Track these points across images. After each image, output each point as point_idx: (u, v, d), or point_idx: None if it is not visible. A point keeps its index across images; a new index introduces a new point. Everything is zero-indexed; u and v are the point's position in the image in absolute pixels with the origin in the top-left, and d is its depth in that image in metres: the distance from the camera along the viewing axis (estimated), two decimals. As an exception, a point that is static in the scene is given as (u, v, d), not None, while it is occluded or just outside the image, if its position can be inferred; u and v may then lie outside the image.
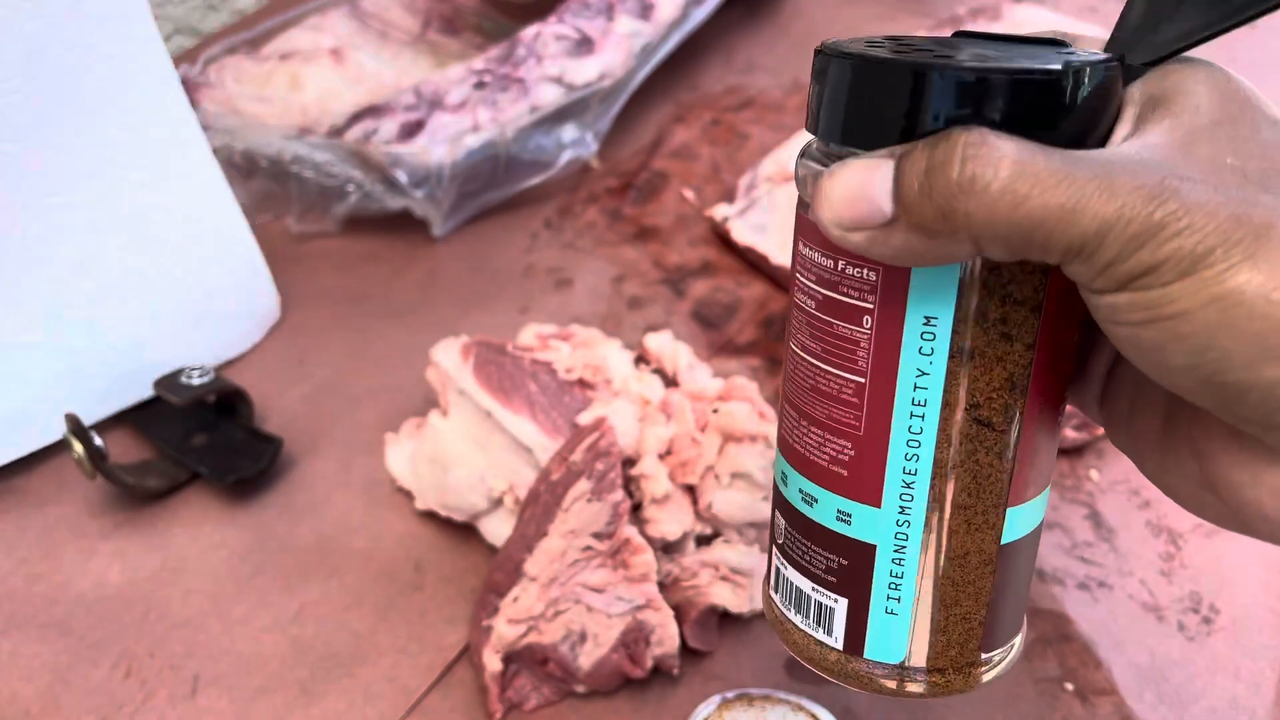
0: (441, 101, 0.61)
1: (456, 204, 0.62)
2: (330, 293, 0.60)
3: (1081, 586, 0.44)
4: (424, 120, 0.60)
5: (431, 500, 0.46)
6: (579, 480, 0.39)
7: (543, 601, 0.39)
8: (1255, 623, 0.43)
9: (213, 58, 0.70)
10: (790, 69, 0.77)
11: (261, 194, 0.63)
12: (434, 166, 0.58)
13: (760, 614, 0.42)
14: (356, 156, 0.59)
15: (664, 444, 0.43)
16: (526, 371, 0.44)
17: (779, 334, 0.57)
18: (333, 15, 0.75)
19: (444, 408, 0.47)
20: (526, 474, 0.43)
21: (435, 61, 0.74)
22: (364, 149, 0.58)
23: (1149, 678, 0.41)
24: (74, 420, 0.45)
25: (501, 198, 0.63)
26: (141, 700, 0.40)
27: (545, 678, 0.40)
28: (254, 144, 0.60)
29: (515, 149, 0.62)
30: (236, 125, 0.62)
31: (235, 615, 0.43)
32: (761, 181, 0.63)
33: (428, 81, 0.62)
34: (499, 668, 0.39)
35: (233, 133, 0.61)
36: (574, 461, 0.39)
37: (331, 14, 0.75)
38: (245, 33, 0.73)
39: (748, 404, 0.45)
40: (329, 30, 0.73)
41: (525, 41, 0.64)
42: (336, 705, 0.40)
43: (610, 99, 0.65)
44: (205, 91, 0.67)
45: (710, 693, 0.39)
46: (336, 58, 0.69)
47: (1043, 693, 0.40)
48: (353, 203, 0.60)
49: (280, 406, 0.53)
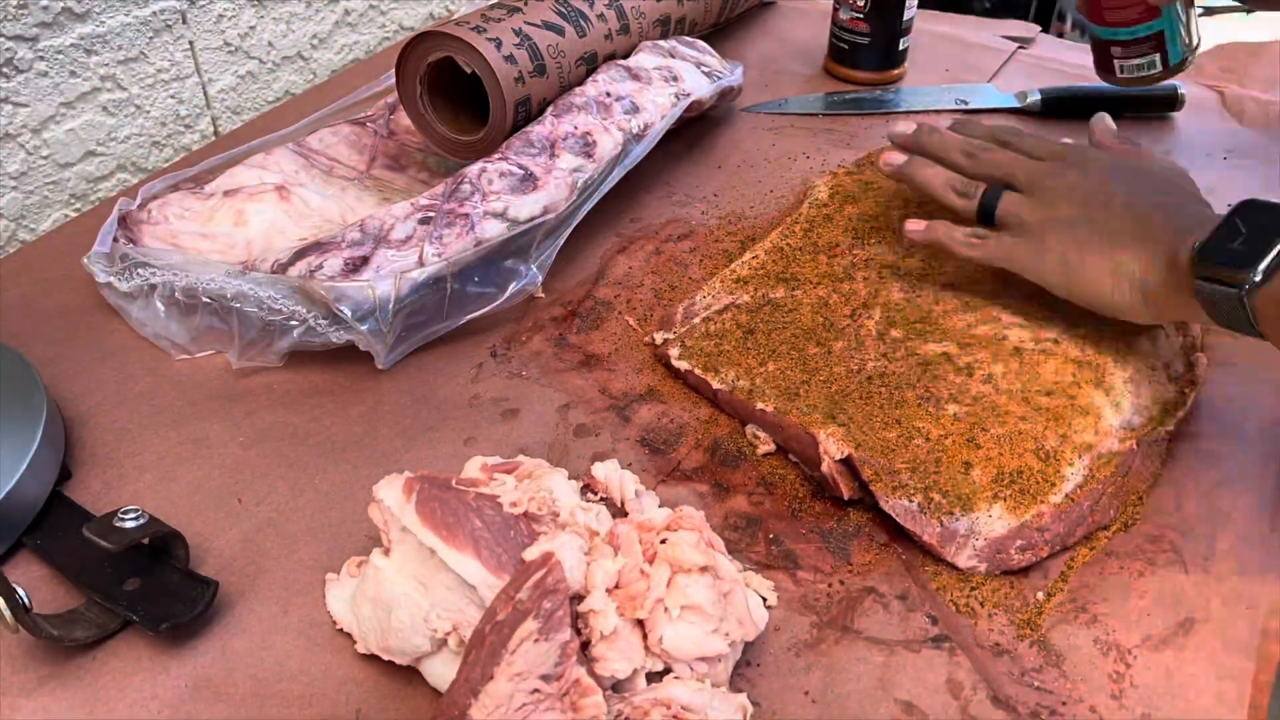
0: (387, 237, 0.62)
1: (402, 336, 0.62)
2: (271, 429, 0.59)
3: (1033, 715, 0.44)
4: (369, 256, 0.61)
5: (373, 643, 0.44)
6: (526, 620, 0.38)
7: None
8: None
9: (153, 193, 0.70)
10: (728, 201, 0.80)
11: (203, 329, 0.62)
12: (379, 301, 0.59)
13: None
14: (300, 292, 0.59)
15: (612, 578, 0.42)
16: (471, 507, 0.44)
17: (725, 458, 0.57)
18: (277, 153, 0.76)
19: (387, 546, 0.46)
20: (471, 613, 0.42)
21: (380, 197, 0.75)
22: (308, 285, 0.59)
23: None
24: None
25: (447, 329, 0.64)
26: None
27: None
28: (196, 280, 0.60)
29: (461, 282, 0.63)
30: (178, 262, 0.62)
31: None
32: (699, 309, 0.65)
33: (373, 217, 0.63)
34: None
35: (174, 269, 0.61)
36: (520, 600, 0.38)
37: (276, 151, 0.76)
38: (189, 169, 0.74)
39: (695, 534, 0.44)
40: (274, 167, 0.74)
41: (470, 177, 0.65)
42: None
43: (554, 232, 0.67)
44: (146, 228, 0.67)
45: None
46: (282, 194, 0.70)
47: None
48: (296, 337, 0.60)
49: (217, 547, 0.52)
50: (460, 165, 0.69)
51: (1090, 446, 0.53)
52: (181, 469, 0.56)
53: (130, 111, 0.82)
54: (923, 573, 0.51)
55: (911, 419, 0.54)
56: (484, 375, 0.63)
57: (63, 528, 0.52)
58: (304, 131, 0.80)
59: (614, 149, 0.71)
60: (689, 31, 0.91)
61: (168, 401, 0.61)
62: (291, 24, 0.95)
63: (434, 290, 0.62)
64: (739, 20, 1.09)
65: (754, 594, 0.47)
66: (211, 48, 0.87)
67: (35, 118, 0.75)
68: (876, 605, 0.49)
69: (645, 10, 0.83)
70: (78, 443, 0.58)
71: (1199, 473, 0.56)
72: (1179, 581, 0.49)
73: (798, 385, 0.58)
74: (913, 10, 0.94)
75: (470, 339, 0.66)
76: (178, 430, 0.59)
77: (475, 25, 0.70)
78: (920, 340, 0.59)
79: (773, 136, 0.89)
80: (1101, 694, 0.45)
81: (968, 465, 0.52)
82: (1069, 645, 0.47)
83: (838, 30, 0.96)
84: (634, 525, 0.45)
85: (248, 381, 0.62)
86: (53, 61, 0.75)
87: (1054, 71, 0.98)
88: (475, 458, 0.50)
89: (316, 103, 0.87)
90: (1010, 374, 0.56)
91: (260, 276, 0.60)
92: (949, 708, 0.44)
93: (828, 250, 0.67)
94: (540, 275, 0.65)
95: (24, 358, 0.59)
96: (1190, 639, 0.47)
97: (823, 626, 0.48)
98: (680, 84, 0.78)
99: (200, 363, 0.64)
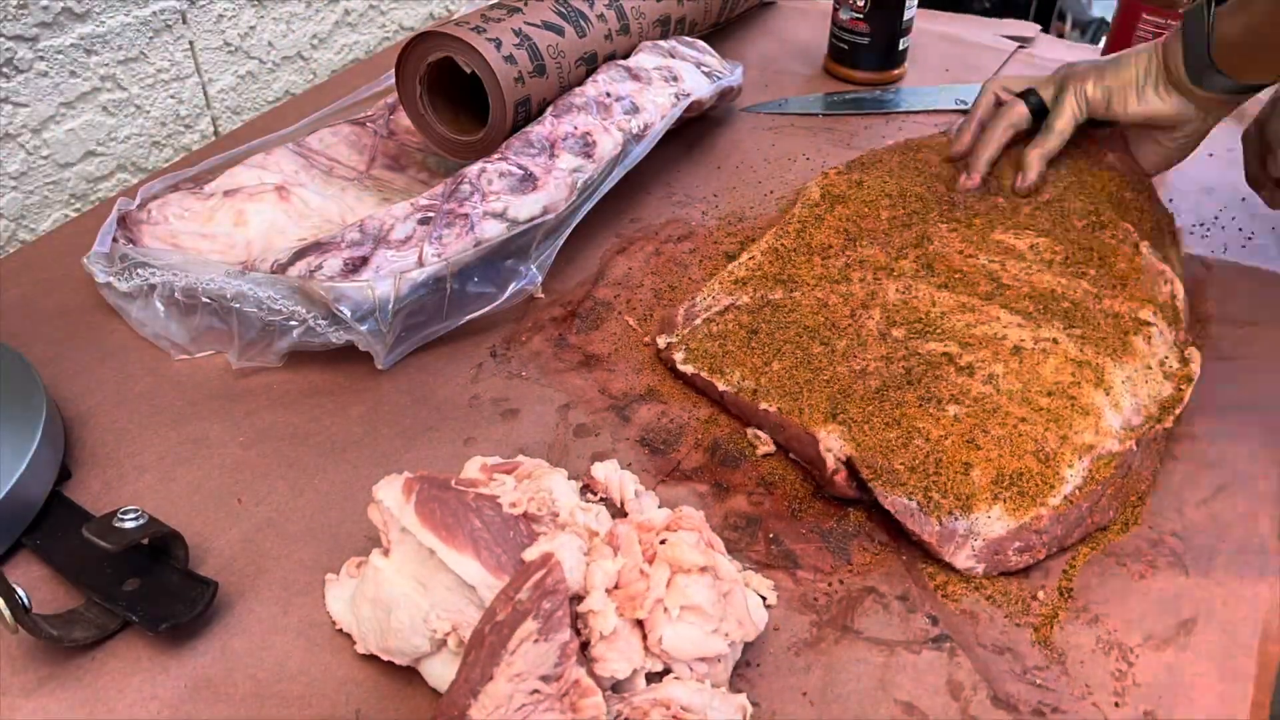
0: (386, 237, 0.62)
1: (401, 337, 0.62)
2: (271, 429, 0.59)
3: (1035, 713, 0.44)
4: (368, 256, 0.61)
5: (373, 643, 0.44)
6: (525, 620, 0.38)
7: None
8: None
9: (152, 193, 0.70)
10: (727, 202, 0.80)
11: (203, 330, 0.62)
12: (378, 301, 0.59)
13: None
14: (300, 292, 0.59)
15: (611, 578, 0.42)
16: (470, 507, 0.44)
17: (725, 458, 0.57)
18: (277, 153, 0.76)
19: (386, 546, 0.46)
20: (471, 613, 0.42)
21: (380, 197, 0.75)
22: (307, 285, 0.59)
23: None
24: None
25: (447, 329, 0.64)
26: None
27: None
28: (195, 281, 0.60)
29: (460, 282, 0.63)
30: (178, 262, 0.62)
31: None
32: (700, 310, 0.65)
33: (373, 217, 0.63)
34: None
35: (174, 269, 0.61)
36: (520, 600, 0.38)
37: (276, 151, 0.76)
38: (189, 169, 0.74)
39: (695, 534, 0.44)
40: (274, 167, 0.74)
41: (470, 178, 0.65)
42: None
43: (554, 232, 0.66)
44: (145, 228, 0.67)
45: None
46: (281, 194, 0.70)
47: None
48: (295, 337, 0.60)
49: (217, 547, 0.52)
50: (460, 165, 0.69)
51: (1090, 447, 0.53)
52: (181, 469, 0.56)
53: (130, 111, 0.82)
54: (922, 573, 0.51)
55: (912, 419, 0.54)
56: (484, 375, 0.63)
57: (62, 528, 0.52)
58: (304, 131, 0.80)
59: (614, 149, 0.71)
60: (689, 31, 0.91)
61: (168, 401, 0.61)
62: (291, 24, 0.95)
63: (434, 290, 0.62)
64: (739, 20, 1.09)
65: (754, 594, 0.47)
66: (211, 48, 0.87)
67: (35, 118, 0.75)
68: (876, 605, 0.49)
69: (645, 10, 0.83)
70: (78, 443, 0.58)
71: (1199, 475, 0.56)
72: (1180, 582, 0.49)
73: (801, 385, 0.58)
74: (913, 10, 0.94)
75: (470, 339, 0.66)
76: (178, 430, 0.59)
77: (475, 25, 0.70)
78: (922, 340, 0.59)
79: (773, 136, 0.89)
80: (1104, 692, 0.45)
81: (968, 466, 0.52)
82: (1070, 645, 0.47)
83: (838, 30, 0.96)
84: (634, 525, 0.45)
85: (248, 381, 0.62)
86: (53, 61, 0.75)
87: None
88: (475, 458, 0.50)
89: (316, 103, 0.87)
90: (1011, 374, 0.56)
91: (260, 276, 0.60)
92: (949, 708, 0.44)
93: (821, 251, 0.67)
94: (540, 275, 0.65)
95: (24, 358, 0.59)
96: (1192, 639, 0.47)
97: (822, 626, 0.48)
98: (680, 84, 0.78)
99: (200, 363, 0.64)
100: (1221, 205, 0.78)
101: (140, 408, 0.60)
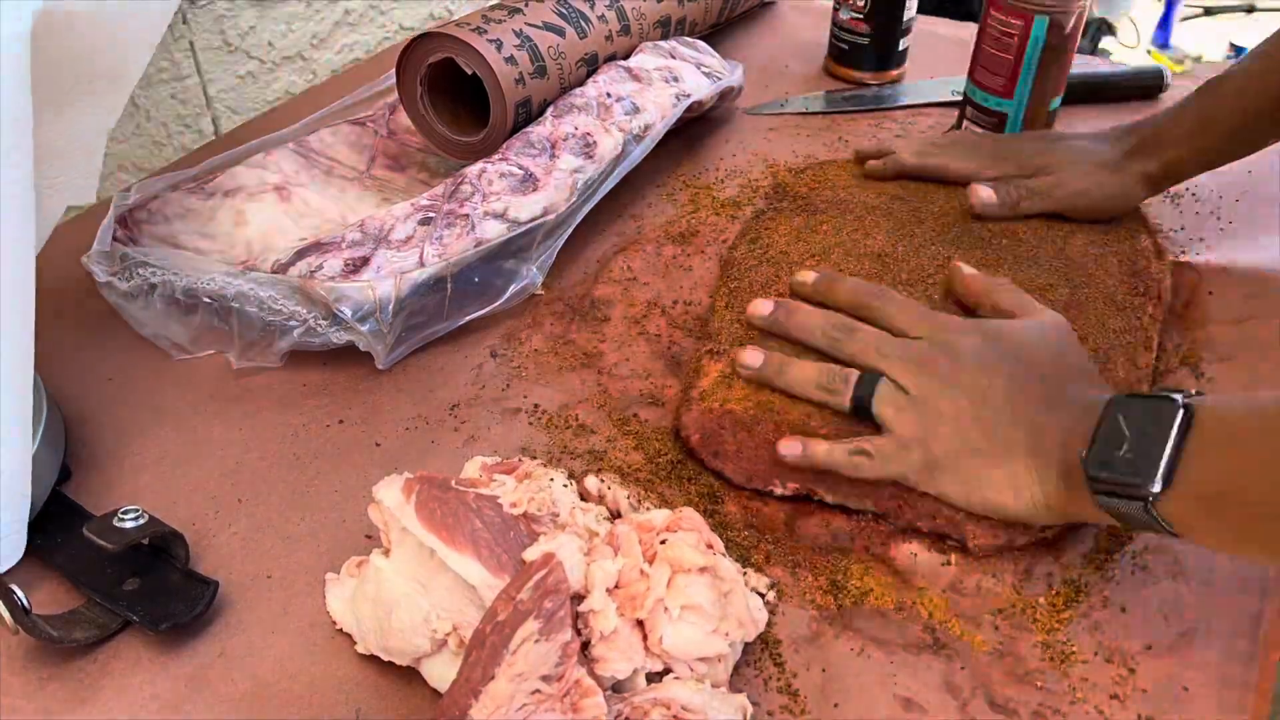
0: (387, 237, 0.62)
1: (402, 337, 0.62)
2: (271, 429, 0.59)
3: (1035, 715, 0.44)
4: (369, 256, 0.61)
5: (373, 643, 0.44)
6: (526, 620, 0.38)
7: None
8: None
9: (152, 193, 0.70)
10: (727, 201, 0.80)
11: (203, 330, 0.62)
12: (379, 301, 0.59)
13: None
14: (300, 292, 0.59)
15: (612, 578, 0.42)
16: (470, 507, 0.44)
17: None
18: (277, 153, 0.76)
19: (386, 546, 0.46)
20: (472, 613, 0.42)
21: (380, 197, 0.75)
22: (308, 285, 0.59)
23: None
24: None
25: (447, 329, 0.64)
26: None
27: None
28: (196, 280, 0.60)
29: (461, 283, 0.63)
30: (178, 262, 0.62)
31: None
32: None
33: (373, 217, 0.63)
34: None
35: (174, 269, 0.61)
36: (521, 600, 0.38)
37: (276, 151, 0.76)
38: (189, 169, 0.74)
39: (695, 534, 0.44)
40: (274, 167, 0.74)
41: (470, 178, 0.65)
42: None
43: (554, 233, 0.67)
44: (145, 228, 0.67)
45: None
46: (281, 194, 0.70)
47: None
48: (296, 337, 0.60)
49: (217, 546, 0.52)
50: (460, 166, 0.69)
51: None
52: (181, 469, 0.56)
53: (130, 111, 0.82)
54: (922, 577, 0.51)
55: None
56: (484, 375, 0.63)
57: (63, 528, 0.52)
58: (304, 131, 0.80)
59: (614, 150, 0.71)
60: (689, 32, 0.91)
61: (168, 401, 0.61)
62: (291, 24, 0.95)
63: (434, 290, 0.62)
64: (739, 20, 1.09)
65: (753, 594, 0.47)
66: (211, 48, 0.87)
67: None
68: (875, 609, 0.49)
69: (646, 11, 0.83)
70: (78, 443, 0.58)
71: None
72: (1181, 590, 0.49)
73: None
74: (912, 10, 0.94)
75: (470, 339, 0.66)
76: (178, 430, 0.59)
77: (476, 26, 0.70)
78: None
79: (773, 136, 0.89)
80: (1104, 696, 0.45)
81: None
82: (1071, 651, 0.47)
83: (838, 30, 0.96)
84: (634, 525, 0.45)
85: (248, 381, 0.62)
86: (53, 61, 0.75)
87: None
88: (475, 458, 0.50)
89: (316, 103, 0.86)
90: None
91: (260, 276, 0.60)
92: (948, 707, 0.44)
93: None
94: (540, 276, 0.65)
95: (24, 358, 0.58)
96: (1193, 646, 0.47)
97: (822, 624, 0.48)
98: (681, 84, 0.78)
99: (200, 363, 0.63)
100: (1218, 202, 0.78)
101: (140, 408, 0.60)
